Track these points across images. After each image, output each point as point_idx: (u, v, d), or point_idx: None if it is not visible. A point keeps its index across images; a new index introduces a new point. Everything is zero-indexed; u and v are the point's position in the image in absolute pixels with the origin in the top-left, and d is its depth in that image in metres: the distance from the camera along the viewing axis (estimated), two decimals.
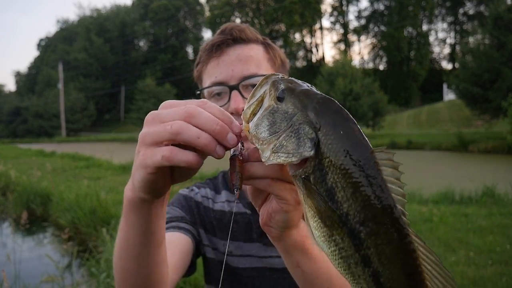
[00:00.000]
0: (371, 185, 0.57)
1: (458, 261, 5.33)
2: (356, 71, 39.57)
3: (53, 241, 8.79)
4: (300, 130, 0.62)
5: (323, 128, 0.61)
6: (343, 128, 0.60)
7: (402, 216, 0.56)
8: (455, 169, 15.85)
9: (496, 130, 27.59)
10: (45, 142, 52.12)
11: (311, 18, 69.85)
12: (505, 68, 25.99)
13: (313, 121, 0.62)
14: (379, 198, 0.56)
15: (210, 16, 74.69)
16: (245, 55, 1.28)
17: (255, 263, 1.36)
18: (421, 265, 0.56)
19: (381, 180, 0.57)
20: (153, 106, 56.66)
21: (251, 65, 1.27)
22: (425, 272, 0.56)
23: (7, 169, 15.76)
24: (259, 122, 0.67)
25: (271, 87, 0.68)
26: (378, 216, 0.56)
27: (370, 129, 39.23)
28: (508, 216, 7.49)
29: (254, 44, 1.33)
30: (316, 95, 0.64)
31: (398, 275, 0.57)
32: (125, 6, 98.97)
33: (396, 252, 0.56)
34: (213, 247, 1.44)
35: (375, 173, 0.57)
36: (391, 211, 0.56)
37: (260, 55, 1.31)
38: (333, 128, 0.60)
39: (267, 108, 0.67)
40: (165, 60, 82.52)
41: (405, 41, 66.11)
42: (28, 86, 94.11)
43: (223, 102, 1.27)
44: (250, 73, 1.26)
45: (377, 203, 0.56)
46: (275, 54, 1.37)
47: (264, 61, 1.32)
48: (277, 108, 0.66)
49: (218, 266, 1.42)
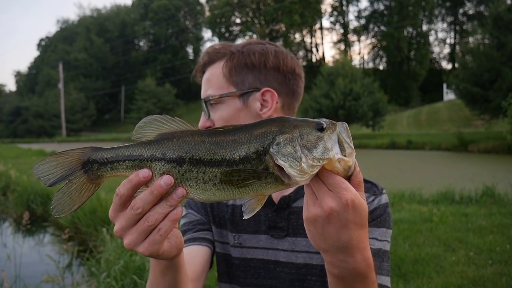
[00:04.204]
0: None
1: (458, 261, 5.33)
2: (356, 71, 39.59)
3: (53, 241, 8.80)
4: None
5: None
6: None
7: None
8: (455, 169, 15.85)
9: (496, 130, 27.60)
10: (45, 142, 52.15)
11: (311, 18, 69.80)
12: (505, 68, 25.99)
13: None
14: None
15: (210, 16, 74.68)
16: (205, 78, 1.44)
17: (261, 255, 1.40)
18: None
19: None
20: (153, 106, 56.94)
21: (207, 88, 1.42)
22: None
23: (7, 169, 15.77)
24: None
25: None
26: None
27: (370, 129, 39.23)
28: (508, 216, 7.49)
29: (218, 62, 1.41)
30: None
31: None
32: (125, 6, 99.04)
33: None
34: (222, 240, 1.49)
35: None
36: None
37: (217, 74, 1.41)
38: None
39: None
40: (165, 60, 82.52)
41: (405, 41, 66.08)
42: (28, 86, 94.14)
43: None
44: (205, 95, 1.42)
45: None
46: (238, 62, 1.37)
47: (219, 79, 1.40)
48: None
49: (224, 258, 1.48)
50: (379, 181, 1.40)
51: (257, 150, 0.82)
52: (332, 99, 35.75)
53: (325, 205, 0.83)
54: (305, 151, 0.81)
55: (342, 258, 0.89)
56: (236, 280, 1.45)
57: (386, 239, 1.30)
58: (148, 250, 0.86)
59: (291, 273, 1.35)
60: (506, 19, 27.16)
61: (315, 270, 1.32)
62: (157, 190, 0.82)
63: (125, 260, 5.10)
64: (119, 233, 0.87)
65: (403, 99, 63.09)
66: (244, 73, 1.38)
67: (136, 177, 0.83)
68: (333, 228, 0.85)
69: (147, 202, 0.83)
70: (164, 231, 0.85)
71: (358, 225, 0.86)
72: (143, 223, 0.84)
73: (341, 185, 0.82)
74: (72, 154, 0.87)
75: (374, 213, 1.29)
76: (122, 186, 0.84)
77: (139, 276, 4.86)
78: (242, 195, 0.84)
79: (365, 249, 0.91)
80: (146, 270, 4.91)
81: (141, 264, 5.03)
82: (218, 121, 1.39)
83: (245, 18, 73.03)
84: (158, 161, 0.84)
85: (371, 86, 37.73)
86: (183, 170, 0.83)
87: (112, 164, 0.86)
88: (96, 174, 0.87)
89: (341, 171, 0.83)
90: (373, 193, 1.34)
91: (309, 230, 0.89)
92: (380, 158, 21.47)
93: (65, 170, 0.87)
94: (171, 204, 0.84)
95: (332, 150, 0.81)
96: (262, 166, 0.82)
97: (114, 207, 0.86)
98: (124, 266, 5.06)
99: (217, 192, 0.84)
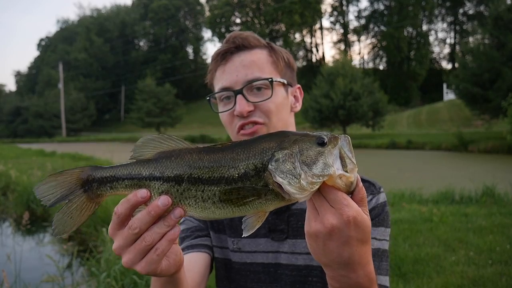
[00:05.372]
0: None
1: (458, 261, 5.33)
2: (356, 71, 39.52)
3: (53, 241, 8.79)
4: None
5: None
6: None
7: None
8: (455, 169, 15.84)
9: (496, 130, 27.58)
10: (45, 142, 52.16)
11: (311, 18, 69.78)
12: (505, 68, 25.96)
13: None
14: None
15: (210, 16, 74.64)
16: (248, 60, 1.36)
17: (262, 259, 1.39)
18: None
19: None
20: (153, 106, 56.85)
21: (254, 70, 1.35)
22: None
23: (7, 169, 15.76)
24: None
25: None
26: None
27: (370, 129, 39.21)
28: (508, 216, 7.48)
29: (258, 49, 1.39)
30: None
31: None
32: (125, 6, 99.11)
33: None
34: (221, 245, 1.47)
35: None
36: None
37: (263, 59, 1.38)
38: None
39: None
40: (165, 60, 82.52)
41: (405, 41, 66.04)
42: (28, 86, 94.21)
43: (231, 105, 1.37)
44: (253, 77, 1.34)
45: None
46: (278, 57, 1.42)
47: (267, 64, 1.38)
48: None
49: (223, 263, 1.47)
50: (378, 181, 1.40)
51: (256, 167, 0.81)
52: (332, 99, 35.73)
53: (326, 222, 0.82)
54: (305, 167, 0.79)
55: (344, 273, 0.88)
56: (236, 285, 1.44)
57: (385, 238, 1.30)
58: (145, 269, 0.86)
59: (292, 275, 1.35)
60: (506, 19, 27.13)
61: (316, 271, 1.32)
62: (154, 211, 0.82)
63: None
64: (118, 251, 0.87)
65: (403, 99, 63.06)
66: (285, 67, 1.44)
67: (135, 197, 0.83)
68: (334, 244, 0.84)
69: (144, 222, 0.83)
70: (161, 251, 0.85)
71: (360, 242, 0.85)
72: (140, 242, 0.84)
73: (342, 202, 0.81)
74: (71, 174, 0.88)
75: (373, 213, 1.29)
76: (120, 205, 0.84)
77: (139, 276, 4.86)
78: (242, 213, 0.84)
79: (368, 264, 0.90)
80: None
81: None
82: (267, 105, 1.34)
83: (245, 18, 72.99)
84: (157, 180, 0.84)
85: (371, 86, 37.68)
86: (182, 189, 0.83)
87: (111, 183, 0.86)
88: (96, 193, 0.88)
89: (343, 187, 0.81)
90: (371, 192, 1.34)
91: (310, 245, 0.88)
92: (380, 158, 21.46)
93: (64, 189, 0.88)
94: (169, 224, 0.84)
95: (333, 166, 0.80)
96: (262, 183, 0.81)
97: (112, 225, 0.87)
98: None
99: (216, 210, 0.83)
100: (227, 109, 1.38)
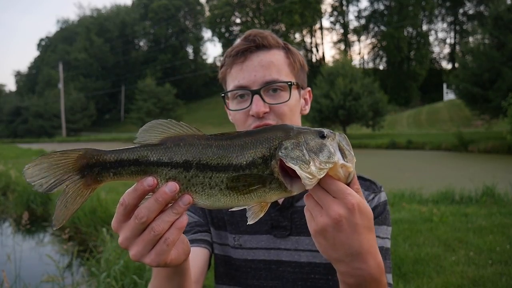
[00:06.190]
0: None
1: (458, 261, 5.33)
2: (356, 71, 39.53)
3: (53, 241, 8.80)
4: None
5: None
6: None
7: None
8: (455, 169, 15.84)
9: (496, 130, 27.60)
10: (45, 142, 52.19)
11: (311, 18, 69.80)
12: (505, 68, 25.95)
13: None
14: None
15: (210, 16, 74.66)
16: (267, 61, 1.35)
17: (263, 255, 1.39)
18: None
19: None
20: (153, 106, 56.93)
21: (272, 71, 1.35)
22: None
23: (7, 169, 15.77)
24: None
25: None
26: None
27: (370, 129, 39.21)
28: (508, 216, 7.48)
29: (276, 50, 1.40)
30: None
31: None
32: (125, 6, 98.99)
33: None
34: (221, 242, 1.47)
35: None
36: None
37: (281, 60, 1.38)
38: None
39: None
40: (165, 60, 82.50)
41: (405, 41, 66.04)
42: (28, 86, 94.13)
43: (246, 104, 1.36)
44: (271, 78, 1.34)
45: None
46: (295, 59, 1.43)
47: (285, 66, 1.38)
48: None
49: (223, 260, 1.46)
50: (378, 181, 1.41)
51: (264, 154, 0.82)
52: (332, 99, 35.73)
53: (333, 212, 0.83)
54: (312, 154, 0.82)
55: (357, 265, 0.88)
56: (236, 281, 1.43)
57: (387, 236, 1.31)
58: (156, 261, 0.82)
59: (294, 272, 1.34)
60: (506, 19, 27.13)
61: (319, 269, 1.32)
62: (162, 197, 0.79)
63: (125, 260, 5.10)
64: (124, 245, 0.83)
65: (403, 99, 63.06)
66: (300, 69, 1.45)
67: (141, 186, 0.79)
68: (343, 235, 0.84)
69: (152, 211, 0.79)
70: (171, 241, 0.81)
71: (366, 229, 0.86)
72: (148, 233, 0.80)
73: (345, 191, 0.83)
74: (67, 156, 0.80)
75: (375, 211, 1.29)
76: (127, 195, 0.80)
77: (139, 276, 4.86)
78: (246, 202, 0.84)
79: (377, 253, 0.90)
80: (146, 270, 4.92)
81: (141, 264, 5.03)
82: (282, 108, 1.34)
83: (245, 18, 73.00)
84: (165, 166, 0.81)
85: (371, 86, 37.69)
86: (190, 176, 0.81)
87: (116, 168, 0.80)
88: (96, 179, 0.81)
89: (343, 177, 0.84)
90: (373, 191, 1.35)
91: (319, 243, 0.88)
92: (380, 158, 21.45)
93: (59, 173, 0.79)
94: (177, 212, 0.81)
95: (336, 155, 0.83)
96: (268, 171, 0.82)
97: (117, 218, 0.82)
98: (124, 266, 5.06)
99: (222, 197, 0.82)
100: (241, 108, 1.37)
